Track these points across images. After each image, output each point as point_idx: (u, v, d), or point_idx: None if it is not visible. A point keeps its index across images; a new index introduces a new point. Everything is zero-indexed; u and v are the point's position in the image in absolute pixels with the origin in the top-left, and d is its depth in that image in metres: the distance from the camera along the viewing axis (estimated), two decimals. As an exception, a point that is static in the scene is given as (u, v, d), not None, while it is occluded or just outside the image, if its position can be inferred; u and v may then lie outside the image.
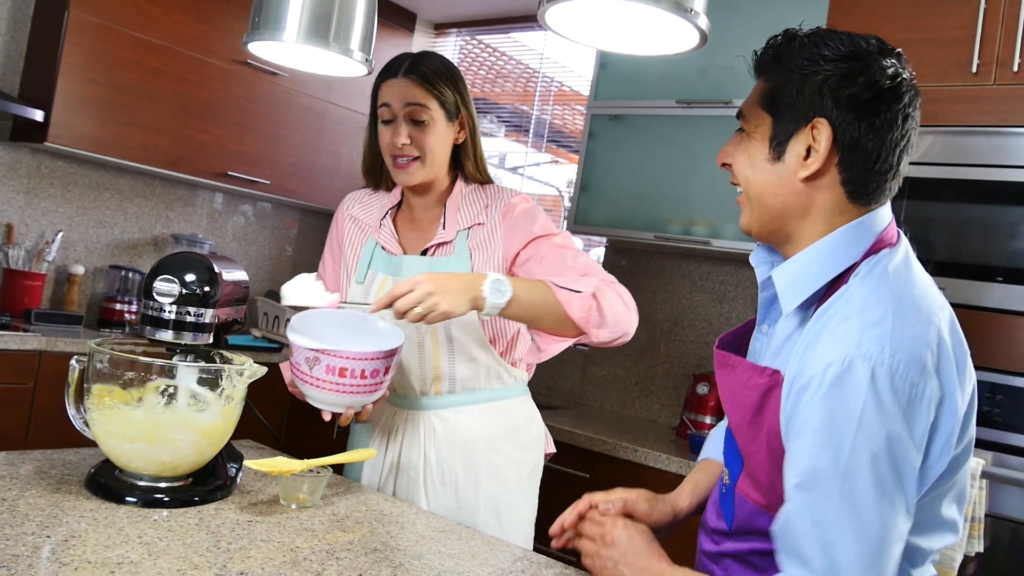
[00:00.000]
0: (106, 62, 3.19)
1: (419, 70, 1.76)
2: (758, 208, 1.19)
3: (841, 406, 1.01)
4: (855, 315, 1.05)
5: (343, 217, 1.96)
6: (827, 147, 1.11)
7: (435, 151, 1.79)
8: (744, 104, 1.23)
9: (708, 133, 3.09)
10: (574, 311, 1.62)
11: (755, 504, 1.17)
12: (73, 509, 1.28)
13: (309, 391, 1.56)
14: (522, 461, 1.86)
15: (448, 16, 4.43)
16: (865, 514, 1.01)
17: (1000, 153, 2.18)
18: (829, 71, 1.11)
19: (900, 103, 1.12)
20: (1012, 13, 2.20)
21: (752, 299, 3.27)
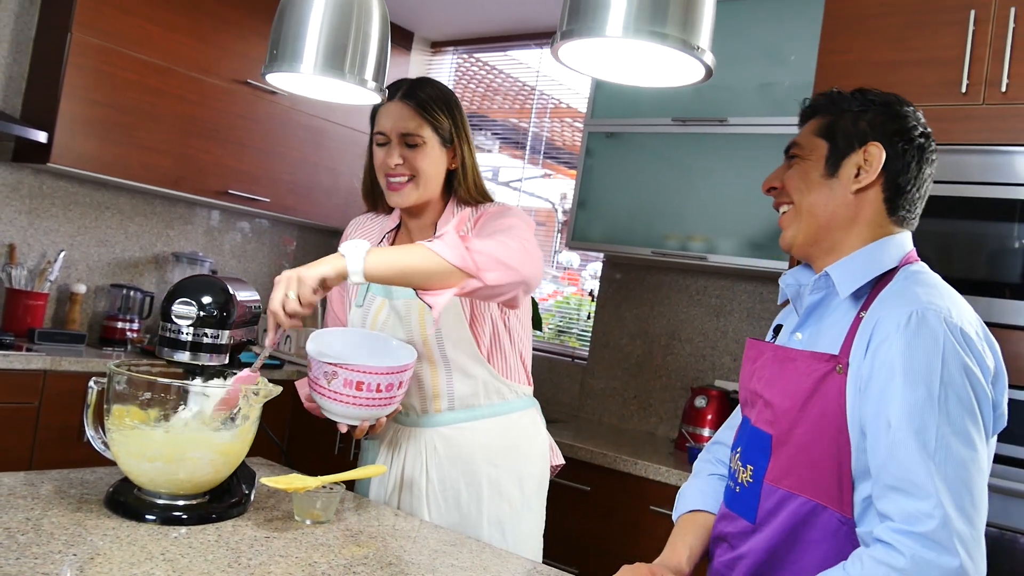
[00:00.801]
0: (108, 83, 3.23)
1: (415, 96, 1.80)
2: (807, 220, 1.37)
3: (923, 347, 1.18)
4: (915, 287, 1.26)
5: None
6: (880, 164, 1.33)
7: (428, 172, 1.81)
8: (798, 138, 1.42)
9: (704, 150, 3.14)
10: (446, 253, 1.51)
11: (788, 488, 1.28)
12: (96, 527, 1.32)
13: (327, 404, 1.63)
14: (526, 475, 1.88)
15: (445, 35, 4.49)
16: (960, 439, 1.15)
17: (989, 171, 2.24)
18: (877, 111, 1.36)
19: (931, 147, 1.37)
20: (1000, 35, 2.25)
21: (747, 313, 3.32)
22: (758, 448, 1.33)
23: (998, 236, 2.22)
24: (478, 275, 1.53)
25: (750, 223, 3.00)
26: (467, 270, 1.52)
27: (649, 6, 1.01)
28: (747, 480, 1.33)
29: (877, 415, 1.19)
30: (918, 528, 1.12)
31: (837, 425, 1.24)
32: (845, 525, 1.23)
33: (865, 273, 1.31)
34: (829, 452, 1.24)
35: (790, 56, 2.98)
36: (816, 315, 1.37)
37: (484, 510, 1.83)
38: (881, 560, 1.13)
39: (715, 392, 3.08)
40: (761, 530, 1.30)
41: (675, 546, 1.46)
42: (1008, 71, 2.23)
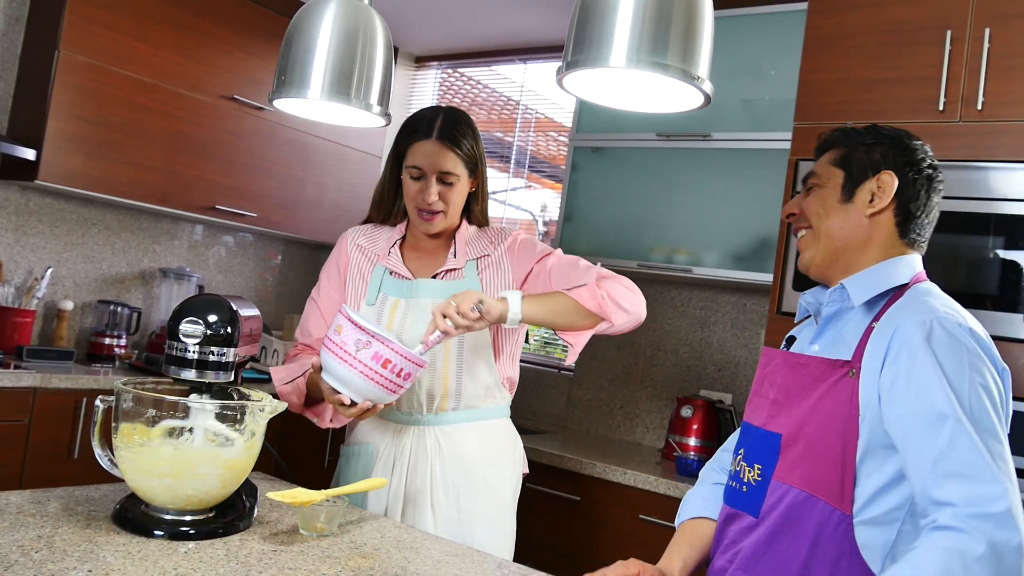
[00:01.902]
0: (95, 100, 3.25)
1: (449, 134, 1.90)
2: (825, 242, 1.47)
3: (951, 351, 1.27)
4: (928, 299, 1.36)
5: (348, 247, 2.04)
6: (892, 189, 1.43)
7: (457, 204, 1.95)
8: (815, 167, 1.53)
9: (688, 165, 3.20)
10: (587, 302, 1.81)
11: (793, 484, 1.34)
12: (106, 544, 1.34)
13: (345, 373, 1.62)
14: (510, 477, 2.00)
15: (429, 50, 4.54)
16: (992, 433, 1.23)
17: (966, 186, 2.31)
18: (891, 143, 1.47)
19: (938, 177, 1.48)
20: (976, 54, 2.33)
21: (731, 324, 3.38)
22: (767, 448, 1.40)
23: (975, 249, 2.29)
24: (609, 319, 1.84)
25: (733, 236, 3.06)
26: (603, 315, 1.82)
27: (651, 38, 1.06)
28: (754, 479, 1.40)
29: (916, 413, 1.25)
30: (991, 509, 1.15)
31: (845, 425, 1.31)
32: (843, 522, 1.29)
33: (878, 285, 1.41)
34: (835, 451, 1.31)
35: (771, 72, 3.05)
36: (832, 327, 1.46)
37: (479, 508, 1.92)
38: (953, 548, 1.14)
39: (700, 402, 3.13)
40: (765, 524, 1.37)
41: (670, 556, 1.51)
42: (984, 89, 2.30)
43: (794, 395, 1.40)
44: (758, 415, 1.46)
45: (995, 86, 2.30)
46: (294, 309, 4.47)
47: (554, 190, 4.29)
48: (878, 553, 1.28)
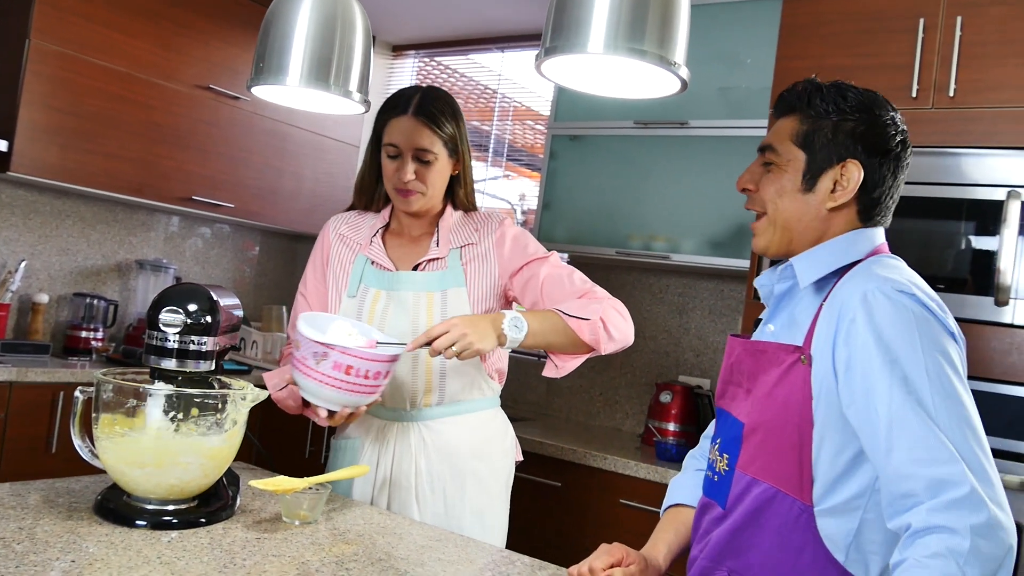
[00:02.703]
0: (69, 90, 3.21)
1: (427, 110, 1.86)
2: (781, 231, 1.39)
3: (894, 320, 1.21)
4: (874, 268, 1.29)
5: (329, 236, 2.03)
6: (856, 184, 1.34)
7: (436, 185, 1.92)
8: (773, 139, 1.40)
9: (665, 152, 3.22)
10: (585, 335, 1.82)
11: (753, 474, 1.33)
12: (89, 534, 1.34)
13: (311, 386, 1.61)
14: (500, 468, 1.98)
15: (406, 38, 4.52)
16: (953, 399, 1.18)
17: (938, 172, 2.34)
18: (855, 120, 1.35)
19: (906, 152, 1.39)
20: (947, 42, 2.36)
21: (709, 310, 3.41)
22: (732, 437, 1.39)
23: (947, 234, 2.33)
24: (598, 348, 1.84)
25: (711, 223, 3.09)
26: (594, 347, 1.84)
27: (628, 24, 1.07)
28: (723, 469, 1.39)
29: (867, 395, 1.21)
30: (957, 494, 1.11)
31: (800, 414, 1.27)
32: (804, 513, 1.27)
33: (828, 264, 1.34)
34: (791, 440, 1.28)
35: (747, 60, 3.07)
36: (785, 306, 1.41)
37: (467, 501, 1.91)
38: (942, 552, 1.09)
39: (679, 387, 3.15)
40: (731, 515, 1.36)
41: (655, 543, 1.52)
42: (955, 77, 2.33)
43: (757, 383, 1.37)
44: (731, 403, 1.44)
45: (967, 73, 2.33)
46: (272, 300, 4.46)
47: (532, 179, 4.30)
48: (841, 543, 1.26)
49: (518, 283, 1.93)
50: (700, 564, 1.39)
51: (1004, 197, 2.22)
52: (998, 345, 2.23)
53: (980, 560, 1.08)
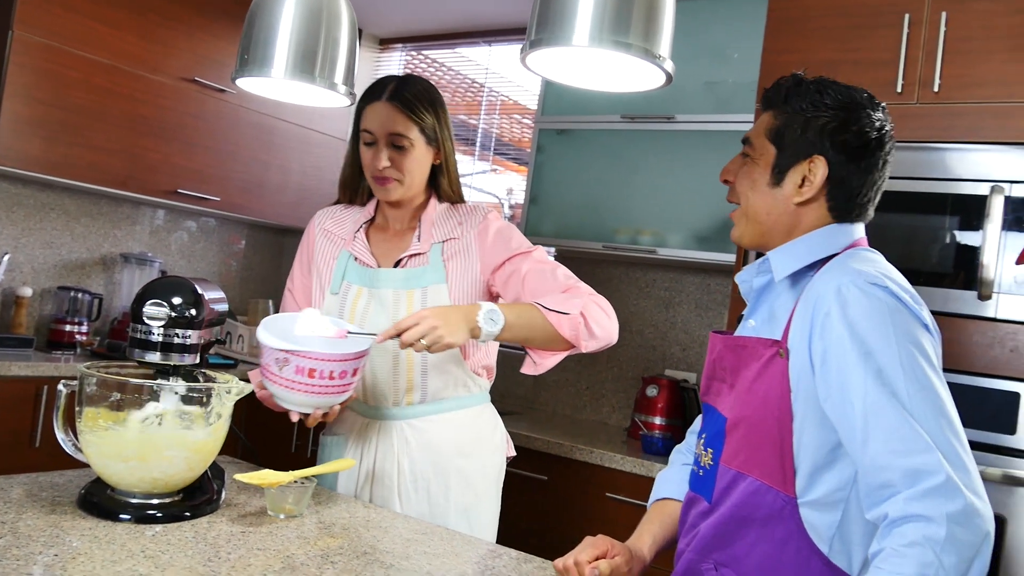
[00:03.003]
0: (52, 82, 3.19)
1: (401, 96, 1.84)
2: (752, 224, 1.41)
3: (868, 313, 1.21)
4: (849, 261, 1.29)
5: (315, 231, 2.02)
6: (822, 180, 1.35)
7: (413, 173, 1.88)
8: (751, 132, 1.42)
9: (652, 147, 3.22)
10: (564, 331, 1.77)
11: (737, 468, 1.33)
12: (72, 528, 1.34)
13: (278, 391, 1.61)
14: (489, 465, 1.96)
15: (393, 31, 4.51)
16: (928, 391, 1.18)
17: (922, 166, 2.35)
18: (828, 117, 1.35)
19: (883, 150, 1.37)
20: (932, 38, 2.37)
21: (695, 304, 3.42)
22: (717, 432, 1.40)
23: (931, 228, 2.34)
24: (580, 347, 1.80)
25: (697, 217, 3.09)
26: (574, 343, 1.79)
27: (613, 17, 1.07)
28: (708, 463, 1.40)
29: (842, 389, 1.21)
30: (933, 483, 1.12)
31: (780, 407, 1.28)
32: (788, 505, 1.28)
33: (804, 258, 1.35)
34: (772, 434, 1.29)
35: (734, 55, 3.08)
36: (764, 300, 1.42)
37: (451, 499, 1.89)
38: (919, 540, 1.10)
39: (665, 381, 3.16)
40: (717, 509, 1.37)
41: (640, 534, 1.53)
42: (940, 72, 2.34)
43: (739, 377, 1.38)
44: (716, 398, 1.45)
45: (951, 69, 2.34)
46: (258, 294, 4.44)
47: (519, 173, 4.29)
48: (825, 534, 1.27)
49: (500, 278, 1.89)
50: (687, 557, 1.40)
51: (988, 192, 2.24)
52: (981, 339, 2.24)
53: (957, 547, 1.10)
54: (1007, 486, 2.17)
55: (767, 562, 1.30)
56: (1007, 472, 2.17)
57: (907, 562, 1.10)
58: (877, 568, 1.13)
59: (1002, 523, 2.17)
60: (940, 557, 1.09)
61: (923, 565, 1.09)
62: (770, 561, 1.30)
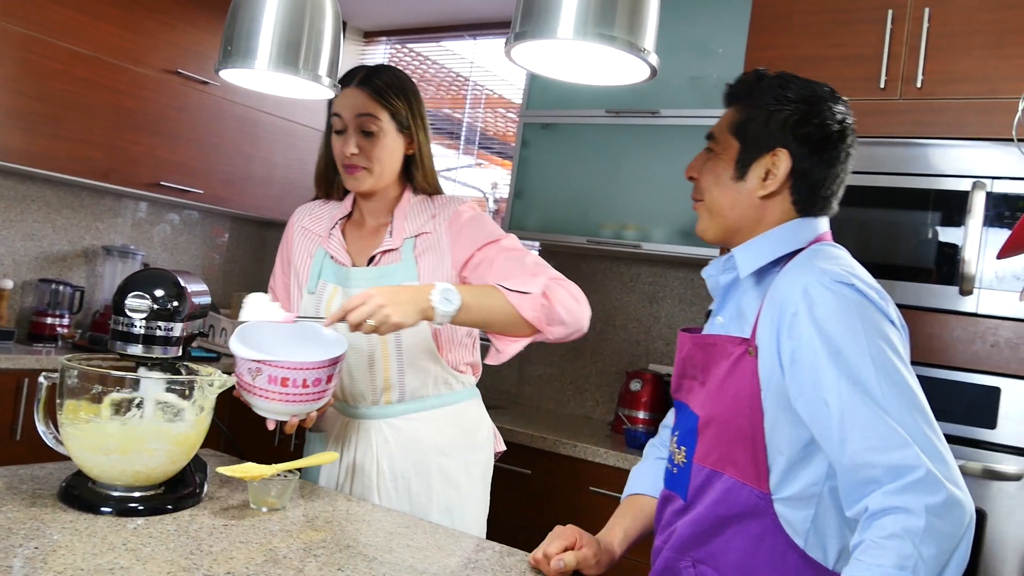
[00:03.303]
0: (34, 73, 3.16)
1: (371, 82, 1.81)
2: (717, 218, 1.41)
3: (836, 312, 1.21)
4: (815, 260, 1.29)
5: (293, 229, 2.00)
6: (785, 173, 1.34)
7: (383, 162, 1.85)
8: (716, 128, 1.42)
9: (636, 141, 3.23)
10: (526, 311, 1.69)
11: (711, 466, 1.34)
12: (53, 521, 1.33)
13: (253, 400, 1.60)
14: (473, 463, 1.93)
15: (377, 25, 4.49)
16: (900, 386, 1.19)
17: (905, 162, 2.37)
18: (790, 110, 1.35)
19: (845, 143, 1.38)
20: (915, 33, 2.38)
21: (679, 299, 3.43)
22: (689, 429, 1.40)
23: (914, 224, 2.36)
24: (544, 331, 1.73)
25: (682, 212, 3.10)
26: (539, 327, 1.71)
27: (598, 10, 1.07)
28: (682, 461, 1.40)
29: (815, 388, 1.21)
30: (914, 476, 1.12)
31: (751, 405, 1.28)
32: (762, 501, 1.28)
33: (768, 254, 1.35)
34: (745, 431, 1.29)
35: (718, 50, 3.09)
36: (732, 297, 1.42)
37: (433, 498, 1.87)
38: (898, 531, 1.11)
39: (649, 376, 3.17)
40: (693, 507, 1.37)
41: (612, 528, 1.53)
42: (923, 67, 2.36)
43: (710, 375, 1.38)
44: (688, 396, 1.45)
45: (934, 64, 2.36)
46: (242, 287, 4.42)
47: (504, 167, 4.29)
48: (800, 529, 1.27)
49: (471, 269, 1.84)
50: (665, 555, 1.40)
51: (969, 188, 2.25)
52: (962, 334, 2.26)
53: (936, 539, 1.10)
54: (987, 480, 2.19)
55: (744, 558, 1.30)
56: (987, 467, 2.19)
57: (887, 554, 1.10)
58: (857, 560, 1.14)
59: (982, 517, 2.19)
60: (919, 549, 1.09)
61: (902, 557, 1.10)
62: (747, 557, 1.30)
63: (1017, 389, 2.20)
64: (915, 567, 1.09)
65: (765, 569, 1.29)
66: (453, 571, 1.38)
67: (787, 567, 1.28)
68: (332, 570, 1.27)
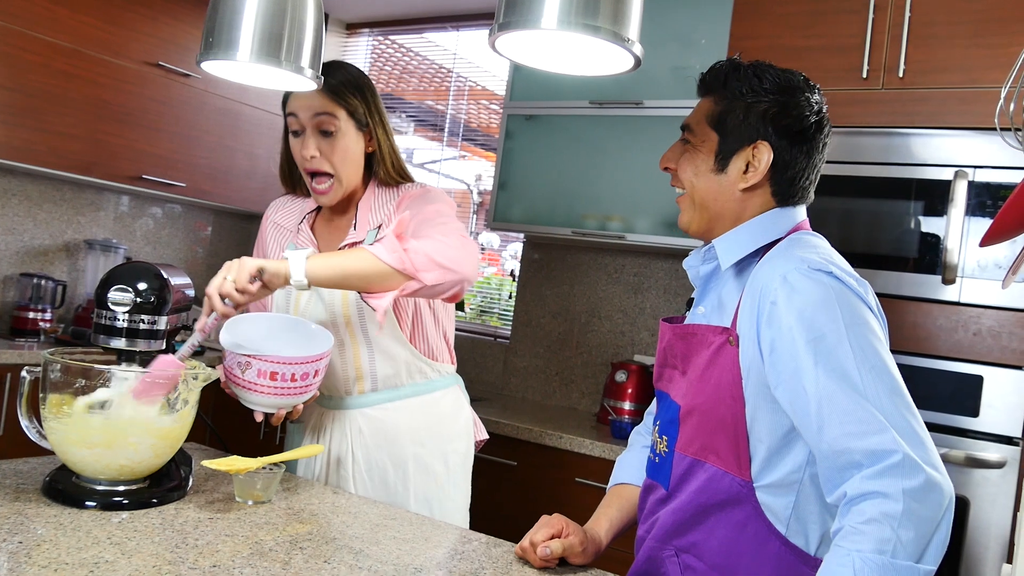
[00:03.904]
0: (13, 66, 3.12)
1: (326, 81, 1.76)
2: (700, 210, 1.42)
3: (814, 300, 1.22)
4: (793, 248, 1.31)
5: (267, 225, 2.00)
6: (767, 165, 1.34)
7: (346, 163, 1.82)
8: (691, 119, 1.42)
9: (620, 132, 3.23)
10: (384, 256, 1.59)
11: (692, 455, 1.34)
12: (37, 515, 1.32)
13: (242, 393, 1.62)
14: (450, 452, 1.93)
15: (359, 16, 4.47)
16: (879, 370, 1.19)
17: (887, 152, 2.38)
18: (769, 102, 1.36)
19: (822, 133, 1.40)
20: (897, 23, 2.39)
21: (664, 289, 3.44)
22: (670, 419, 1.41)
23: (896, 213, 2.37)
24: (416, 276, 1.61)
25: (665, 203, 3.10)
26: (407, 272, 1.60)
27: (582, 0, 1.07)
28: (664, 450, 1.41)
29: (794, 376, 1.22)
30: (891, 460, 1.13)
31: (732, 394, 1.29)
32: (744, 488, 1.29)
33: (748, 245, 1.36)
34: (726, 420, 1.30)
35: (701, 41, 3.09)
36: (712, 287, 1.43)
37: (411, 488, 1.88)
38: (877, 515, 1.12)
39: (635, 366, 3.18)
40: (675, 496, 1.37)
41: (598, 518, 1.54)
42: (905, 57, 2.37)
43: (691, 365, 1.38)
44: (669, 385, 1.46)
45: (916, 54, 2.37)
46: (226, 281, 4.39)
47: (488, 159, 4.28)
48: (782, 515, 1.28)
49: None
50: (648, 545, 1.41)
51: (951, 177, 2.27)
52: (944, 323, 2.28)
53: (915, 523, 1.11)
54: (969, 468, 2.21)
55: (727, 546, 1.31)
56: (970, 454, 2.21)
57: (865, 539, 1.12)
58: (837, 547, 1.15)
59: (965, 505, 2.21)
60: (898, 532, 1.11)
61: (881, 541, 1.11)
62: (729, 544, 1.31)
63: (999, 377, 2.22)
64: (894, 551, 1.10)
65: (747, 557, 1.30)
66: (439, 562, 1.38)
67: (769, 554, 1.29)
68: (318, 562, 1.27)
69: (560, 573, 1.39)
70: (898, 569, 1.10)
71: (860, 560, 1.11)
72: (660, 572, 1.39)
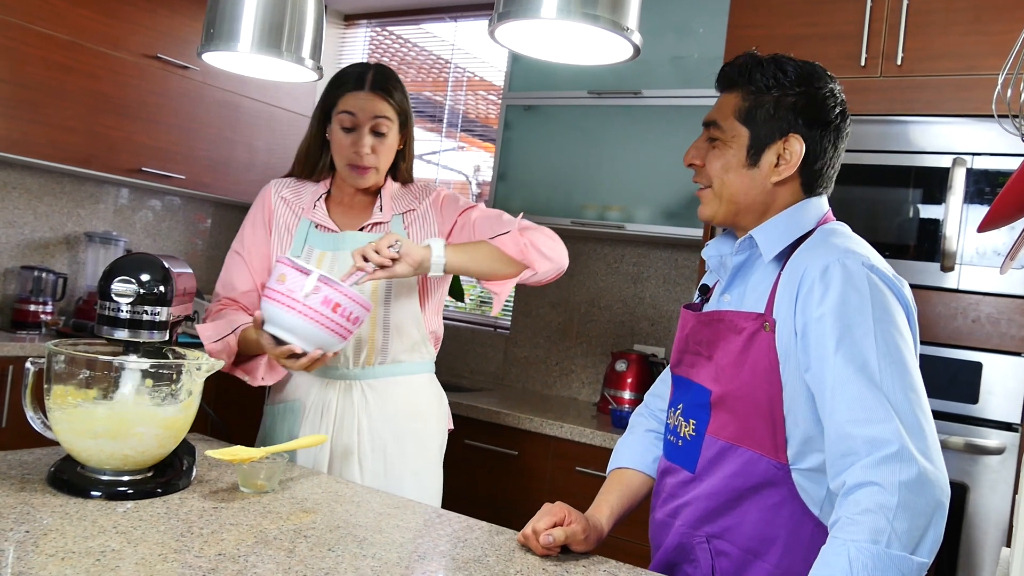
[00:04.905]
0: (11, 59, 3.12)
1: (383, 86, 1.92)
2: (728, 204, 1.43)
3: (851, 290, 1.25)
4: (832, 239, 1.34)
5: (271, 198, 2.02)
6: (799, 157, 1.36)
7: (387, 159, 1.98)
8: (717, 115, 1.43)
9: (619, 122, 3.23)
10: (509, 248, 1.85)
11: (727, 439, 1.36)
12: (43, 505, 1.33)
13: (292, 321, 1.57)
14: (437, 431, 2.05)
15: (358, 7, 4.46)
16: (898, 366, 1.22)
17: (886, 139, 2.38)
18: (796, 94, 1.39)
19: (846, 122, 1.44)
20: (895, 10, 2.40)
21: (664, 279, 3.44)
22: (700, 403, 1.42)
23: (895, 201, 2.38)
24: (532, 266, 1.87)
25: (665, 192, 3.11)
26: (526, 262, 1.86)
27: (582, -11, 1.08)
28: (689, 434, 1.42)
29: (821, 362, 1.25)
30: (889, 450, 1.15)
31: (768, 379, 1.32)
32: (780, 471, 1.31)
33: (788, 236, 1.39)
34: (762, 404, 1.32)
35: (700, 30, 3.09)
36: (741, 276, 1.45)
37: (407, 462, 1.96)
38: (872, 506, 1.14)
39: (634, 356, 3.19)
40: (703, 479, 1.39)
41: (599, 505, 1.55)
42: (903, 45, 2.37)
43: (718, 350, 1.40)
44: (692, 371, 1.47)
45: (914, 42, 2.37)
46: (226, 273, 4.40)
47: (486, 151, 4.28)
48: (816, 498, 1.30)
49: (455, 235, 1.99)
50: (679, 531, 1.41)
51: (950, 164, 2.27)
52: (943, 310, 2.29)
53: (909, 514, 1.13)
54: (969, 454, 2.22)
55: (760, 528, 1.33)
56: (969, 441, 2.22)
57: (860, 529, 1.13)
58: (834, 537, 1.17)
59: (964, 491, 2.22)
60: (892, 523, 1.12)
61: (876, 532, 1.13)
62: (763, 527, 1.33)
63: (999, 364, 2.23)
64: (888, 541, 1.12)
65: (781, 539, 1.31)
66: (443, 550, 1.39)
67: (802, 535, 1.30)
68: (323, 551, 1.28)
69: (562, 561, 1.40)
70: (892, 559, 1.12)
71: (855, 549, 1.13)
72: (690, 558, 1.41)
